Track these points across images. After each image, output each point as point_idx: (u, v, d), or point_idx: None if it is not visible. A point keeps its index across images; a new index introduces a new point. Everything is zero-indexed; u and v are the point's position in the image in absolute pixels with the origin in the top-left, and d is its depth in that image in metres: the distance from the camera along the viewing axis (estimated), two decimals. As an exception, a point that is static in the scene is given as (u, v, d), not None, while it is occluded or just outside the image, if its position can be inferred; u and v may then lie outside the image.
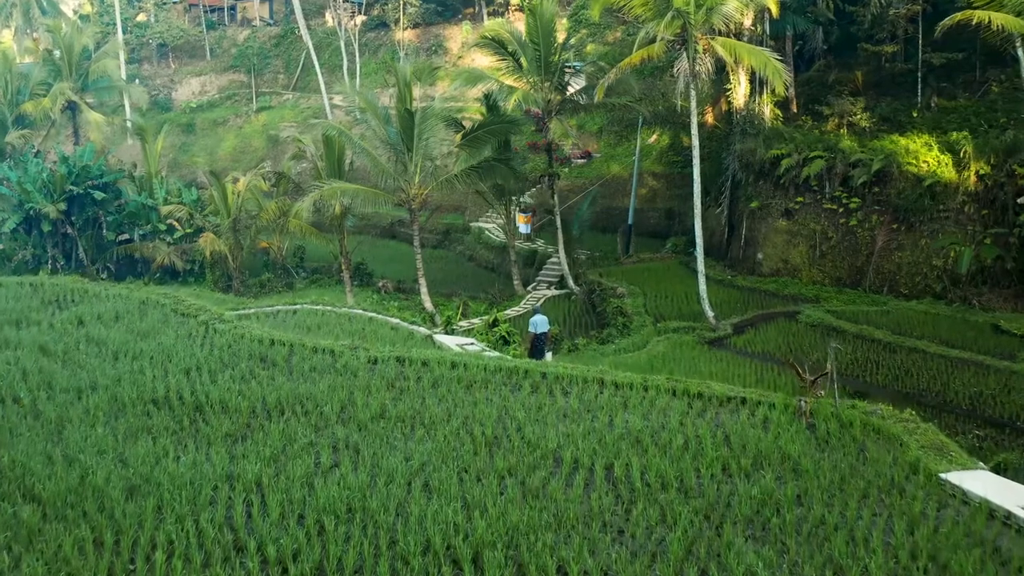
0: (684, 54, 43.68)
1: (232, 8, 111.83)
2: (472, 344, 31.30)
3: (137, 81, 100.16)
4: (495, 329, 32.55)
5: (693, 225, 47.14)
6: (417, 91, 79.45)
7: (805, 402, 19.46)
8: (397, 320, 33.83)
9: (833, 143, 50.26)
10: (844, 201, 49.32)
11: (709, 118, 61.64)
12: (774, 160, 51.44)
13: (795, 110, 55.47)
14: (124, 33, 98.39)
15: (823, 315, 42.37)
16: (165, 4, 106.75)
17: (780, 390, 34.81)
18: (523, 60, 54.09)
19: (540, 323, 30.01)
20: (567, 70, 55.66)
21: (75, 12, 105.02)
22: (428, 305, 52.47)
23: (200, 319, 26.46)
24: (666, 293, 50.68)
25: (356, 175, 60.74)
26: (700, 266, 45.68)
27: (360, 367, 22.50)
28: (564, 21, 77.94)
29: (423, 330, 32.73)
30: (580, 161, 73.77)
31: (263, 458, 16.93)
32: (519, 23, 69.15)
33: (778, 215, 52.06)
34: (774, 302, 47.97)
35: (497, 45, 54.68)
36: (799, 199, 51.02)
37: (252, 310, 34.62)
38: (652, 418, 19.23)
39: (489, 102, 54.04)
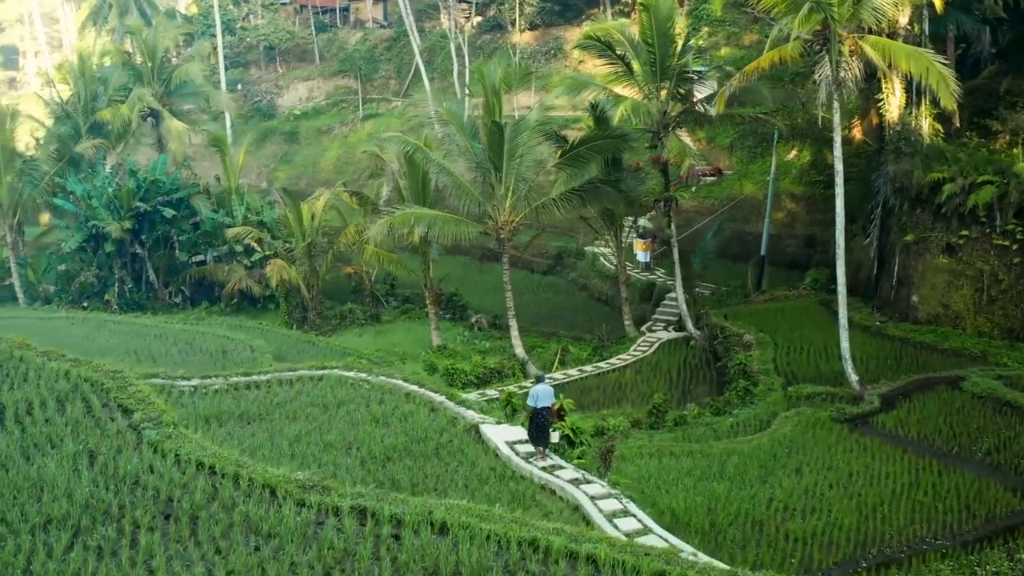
0: (825, 56, 35.60)
1: (345, 9, 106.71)
2: (528, 442, 24.11)
3: (240, 87, 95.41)
4: (561, 423, 25.34)
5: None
6: (529, 99, 72.77)
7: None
8: (441, 398, 26.95)
9: (1006, 166, 43.25)
10: (1019, 237, 42.06)
11: (856, 133, 53.47)
12: (934, 185, 44.42)
13: (958, 125, 47.35)
14: (229, 35, 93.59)
15: (993, 384, 34.69)
16: (273, 5, 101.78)
17: (943, 500, 26.82)
18: (634, 64, 46.54)
19: (542, 396, 23.30)
20: (687, 75, 47.68)
21: (181, 14, 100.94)
22: (519, 350, 46.15)
23: (135, 418, 19.26)
24: (801, 343, 44.13)
25: (444, 196, 53.74)
26: (842, 317, 37.90)
27: (297, 530, 15.05)
28: (685, 20, 69.60)
29: (471, 414, 25.74)
30: (710, 179, 65.63)
31: None
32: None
33: (938, 251, 45.00)
34: (932, 359, 40.96)
35: (603, 47, 47.11)
36: (964, 232, 43.85)
37: (269, 375, 28.57)
38: None
39: (596, 113, 46.87)
